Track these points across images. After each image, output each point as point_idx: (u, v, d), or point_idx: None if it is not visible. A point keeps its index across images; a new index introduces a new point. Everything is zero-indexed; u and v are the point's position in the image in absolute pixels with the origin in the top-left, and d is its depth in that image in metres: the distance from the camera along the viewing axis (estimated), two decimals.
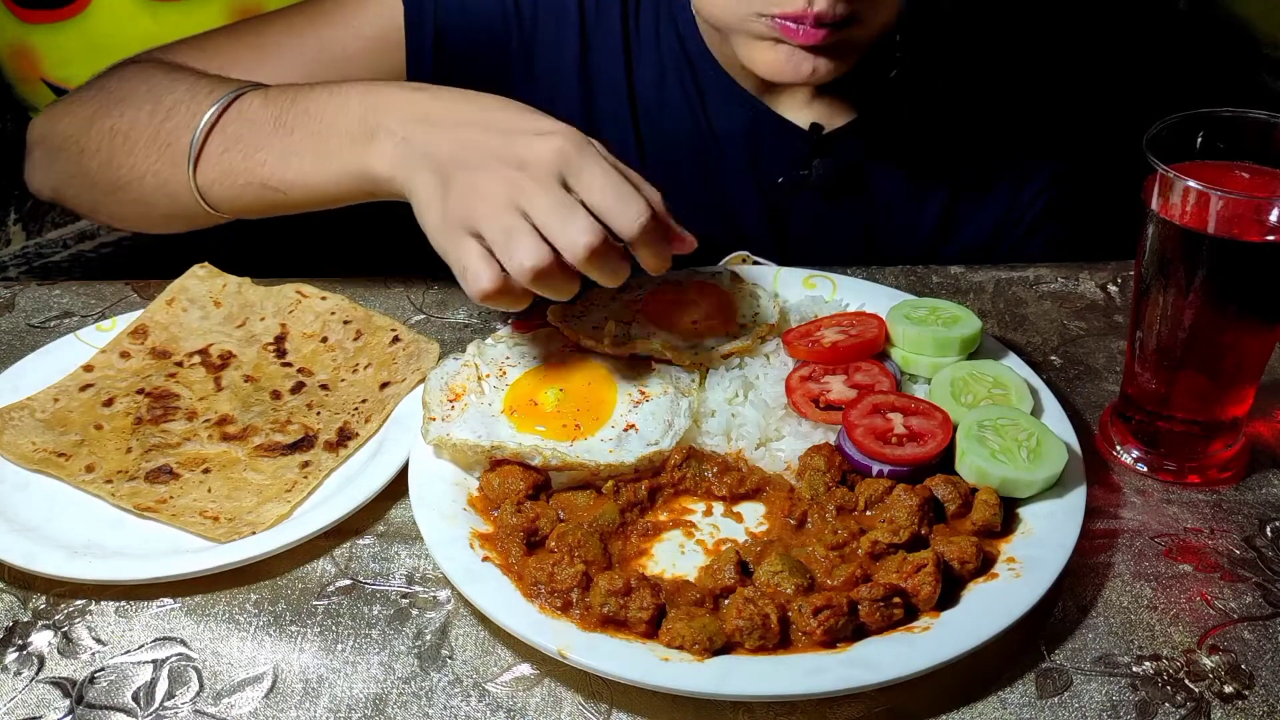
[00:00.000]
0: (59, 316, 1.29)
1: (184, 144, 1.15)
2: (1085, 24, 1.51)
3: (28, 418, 1.12)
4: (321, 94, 1.12)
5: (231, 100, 1.15)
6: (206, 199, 1.17)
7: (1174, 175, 0.96)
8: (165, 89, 1.19)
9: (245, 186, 1.14)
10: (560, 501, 1.01)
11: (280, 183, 1.12)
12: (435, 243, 1.01)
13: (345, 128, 1.08)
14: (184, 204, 1.18)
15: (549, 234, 0.96)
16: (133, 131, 1.19)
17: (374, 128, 1.07)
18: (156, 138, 1.17)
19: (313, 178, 1.11)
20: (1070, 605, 0.95)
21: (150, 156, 1.18)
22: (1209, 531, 1.02)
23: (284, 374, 1.18)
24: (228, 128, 1.14)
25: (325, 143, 1.09)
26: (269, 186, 1.13)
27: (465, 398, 1.08)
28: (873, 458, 1.01)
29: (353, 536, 1.02)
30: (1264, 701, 0.88)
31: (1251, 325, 1.02)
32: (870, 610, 0.89)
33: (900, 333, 1.12)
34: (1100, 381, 1.19)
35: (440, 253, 1.01)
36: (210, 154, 1.14)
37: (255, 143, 1.13)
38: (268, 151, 1.12)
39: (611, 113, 1.37)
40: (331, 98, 1.11)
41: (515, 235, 0.96)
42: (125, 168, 1.19)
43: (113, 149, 1.20)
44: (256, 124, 1.13)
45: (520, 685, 0.90)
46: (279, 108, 1.13)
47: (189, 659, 0.92)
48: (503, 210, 0.97)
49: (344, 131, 1.08)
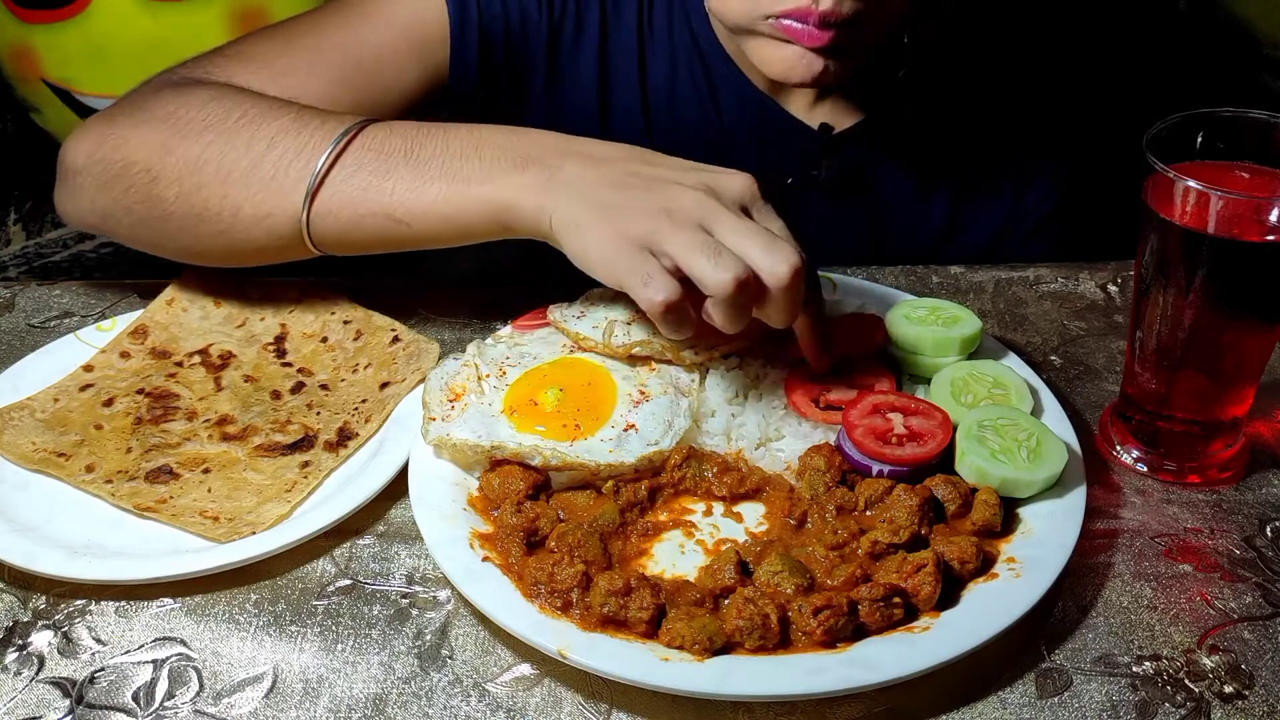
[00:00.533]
0: (59, 316, 1.29)
1: (297, 175, 1.09)
2: (1085, 24, 1.50)
3: (28, 418, 1.12)
4: (459, 129, 1.09)
5: (356, 131, 1.10)
6: (315, 232, 1.11)
7: (1174, 175, 0.96)
8: (261, 115, 1.13)
9: (366, 217, 1.09)
10: (560, 501, 1.01)
11: (408, 214, 1.07)
12: (606, 261, 0.98)
13: (490, 158, 1.06)
14: (282, 237, 1.12)
15: (747, 255, 0.95)
16: (227, 160, 1.11)
17: (525, 158, 1.04)
18: (258, 167, 1.11)
19: (447, 208, 1.06)
20: (1070, 605, 0.95)
21: (251, 188, 1.11)
22: (1209, 531, 1.02)
23: (284, 374, 1.18)
24: (349, 158, 1.09)
25: (465, 172, 1.06)
26: (394, 218, 1.08)
27: (465, 398, 1.08)
28: (873, 458, 1.01)
29: (353, 536, 1.02)
30: (1264, 701, 0.88)
31: (1251, 325, 1.02)
32: (870, 610, 0.89)
33: (900, 333, 1.12)
34: (1100, 381, 1.19)
35: (610, 271, 0.98)
36: (330, 184, 1.09)
37: (384, 171, 1.08)
38: (397, 180, 1.07)
39: (624, 105, 1.38)
40: (473, 132, 1.08)
41: (714, 249, 0.95)
42: (215, 199, 1.12)
43: (200, 179, 1.12)
44: (384, 154, 1.09)
45: (520, 685, 0.90)
46: (409, 140, 1.09)
47: (189, 659, 0.92)
48: (688, 227, 0.96)
49: (489, 161, 1.06)
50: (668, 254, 0.96)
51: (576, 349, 1.14)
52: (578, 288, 1.20)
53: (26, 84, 1.90)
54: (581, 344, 1.13)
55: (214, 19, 1.84)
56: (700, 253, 0.95)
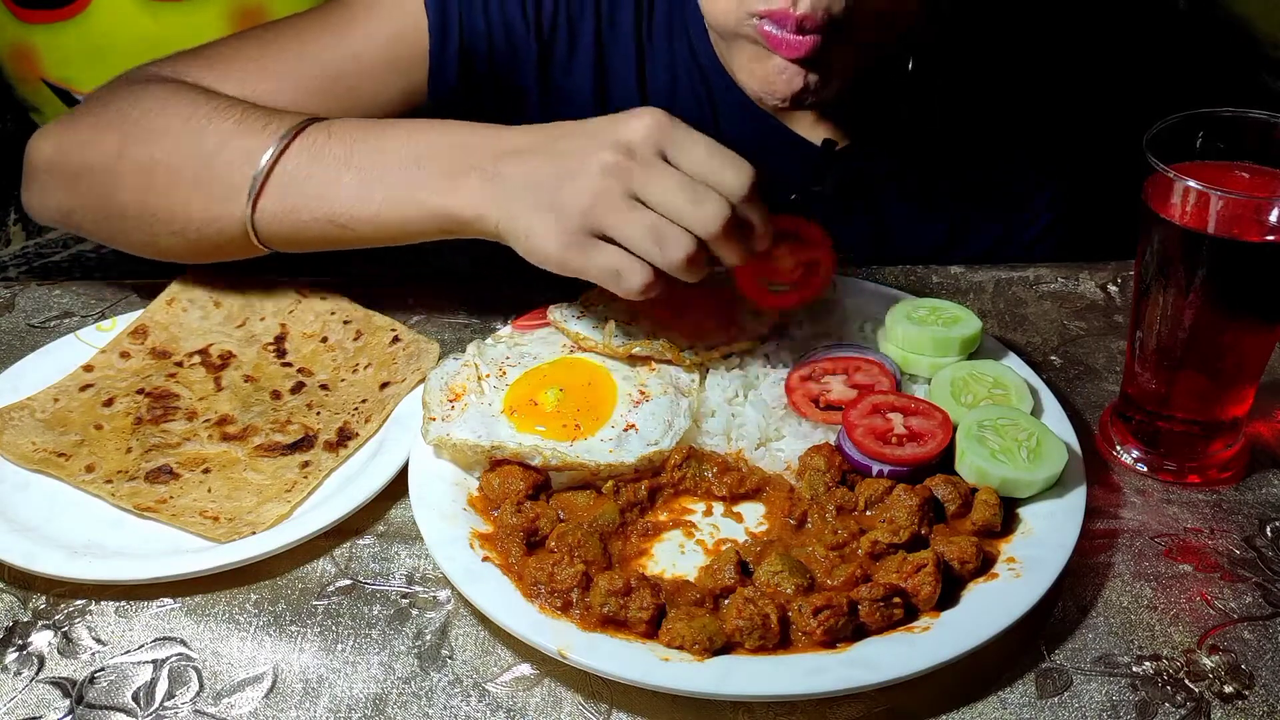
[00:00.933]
0: (59, 316, 1.29)
1: (241, 179, 1.11)
2: (1085, 24, 1.50)
3: (28, 418, 1.12)
4: (395, 131, 1.10)
5: (295, 134, 1.12)
6: (261, 234, 1.14)
7: (1174, 175, 0.96)
8: (207, 118, 1.15)
9: (310, 223, 1.11)
10: (560, 501, 1.01)
11: (350, 219, 1.10)
12: (563, 262, 1.00)
13: (430, 166, 1.07)
14: (233, 238, 1.15)
15: (679, 218, 0.97)
16: (175, 163, 1.14)
17: (464, 166, 1.05)
18: (205, 171, 1.13)
19: (389, 215, 1.08)
20: (1070, 605, 0.95)
21: (199, 191, 1.14)
22: (1209, 531, 1.02)
23: (284, 374, 1.18)
24: (288, 163, 1.11)
25: (405, 179, 1.07)
26: (336, 223, 1.10)
27: (465, 398, 1.08)
28: (873, 458, 1.01)
29: (353, 536, 1.02)
30: (1264, 701, 0.88)
31: (1251, 325, 1.02)
32: (870, 610, 0.89)
33: (900, 333, 1.12)
34: (1100, 381, 1.19)
35: (572, 272, 1.00)
36: (271, 190, 1.11)
37: (323, 180, 1.10)
38: (338, 188, 1.09)
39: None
40: (410, 135, 1.09)
41: (657, 231, 0.97)
42: (165, 201, 1.15)
43: (152, 182, 1.15)
44: (324, 160, 1.10)
45: (520, 685, 0.90)
46: (347, 144, 1.10)
47: (189, 659, 0.92)
48: (623, 205, 0.97)
49: (428, 169, 1.07)
50: (617, 240, 0.98)
51: (576, 349, 1.14)
52: (577, 288, 1.20)
53: (26, 84, 1.90)
54: (581, 344, 1.13)
55: (214, 19, 1.84)
56: (645, 239, 0.97)
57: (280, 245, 1.16)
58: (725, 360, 1.13)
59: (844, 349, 1.13)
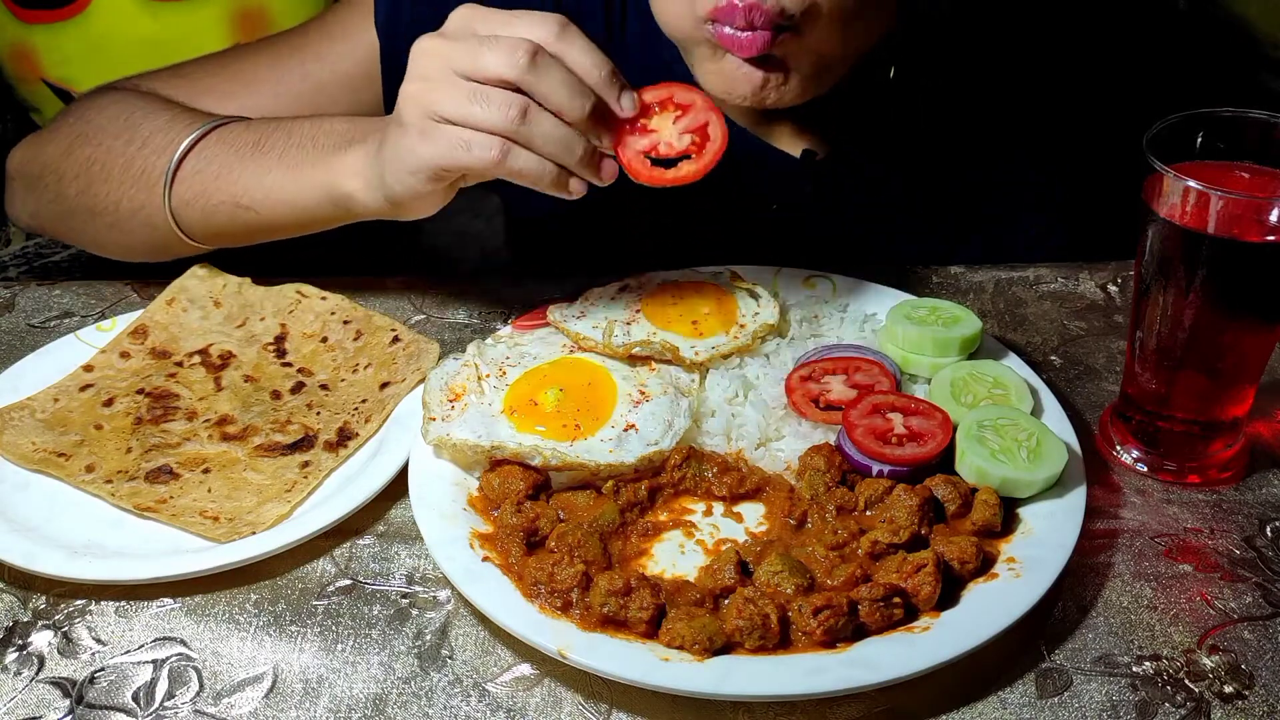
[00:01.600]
0: (59, 316, 1.29)
1: (160, 168, 1.17)
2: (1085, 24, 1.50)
3: (28, 418, 1.12)
4: (305, 121, 1.14)
5: (213, 127, 1.18)
6: (181, 224, 1.19)
7: (1174, 175, 0.96)
8: (143, 117, 1.22)
9: (218, 206, 1.16)
10: (560, 501, 1.01)
11: (252, 201, 1.14)
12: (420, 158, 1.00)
13: (323, 144, 1.10)
14: (160, 231, 1.20)
15: (495, 73, 0.96)
16: (109, 159, 1.21)
17: (350, 140, 1.08)
18: (132, 164, 1.20)
19: (284, 193, 1.12)
20: (1070, 605, 0.95)
21: (125, 183, 1.20)
22: (1209, 531, 1.02)
23: (284, 374, 1.18)
24: (204, 151, 1.17)
25: (300, 158, 1.11)
26: (240, 205, 1.15)
27: (465, 398, 1.08)
28: (873, 458, 1.01)
29: (353, 536, 1.02)
30: (1264, 701, 0.88)
31: (1251, 325, 1.02)
32: (870, 610, 0.89)
33: (900, 333, 1.12)
34: (1100, 381, 1.19)
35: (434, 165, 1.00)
36: (184, 176, 1.17)
37: (231, 164, 1.15)
38: (242, 170, 1.14)
39: None
40: (317, 122, 1.13)
41: (480, 93, 0.97)
42: (101, 195, 1.22)
43: (90, 177, 1.22)
44: (235, 147, 1.16)
45: (520, 685, 0.90)
46: (259, 134, 1.15)
47: (189, 659, 0.92)
48: (445, 82, 0.98)
49: (321, 147, 1.10)
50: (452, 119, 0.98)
51: (576, 349, 1.14)
52: (577, 288, 1.20)
53: (26, 84, 1.90)
54: (581, 344, 1.13)
55: (214, 19, 1.83)
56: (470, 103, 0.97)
57: (201, 236, 1.20)
58: (725, 360, 1.13)
59: (844, 349, 1.13)
